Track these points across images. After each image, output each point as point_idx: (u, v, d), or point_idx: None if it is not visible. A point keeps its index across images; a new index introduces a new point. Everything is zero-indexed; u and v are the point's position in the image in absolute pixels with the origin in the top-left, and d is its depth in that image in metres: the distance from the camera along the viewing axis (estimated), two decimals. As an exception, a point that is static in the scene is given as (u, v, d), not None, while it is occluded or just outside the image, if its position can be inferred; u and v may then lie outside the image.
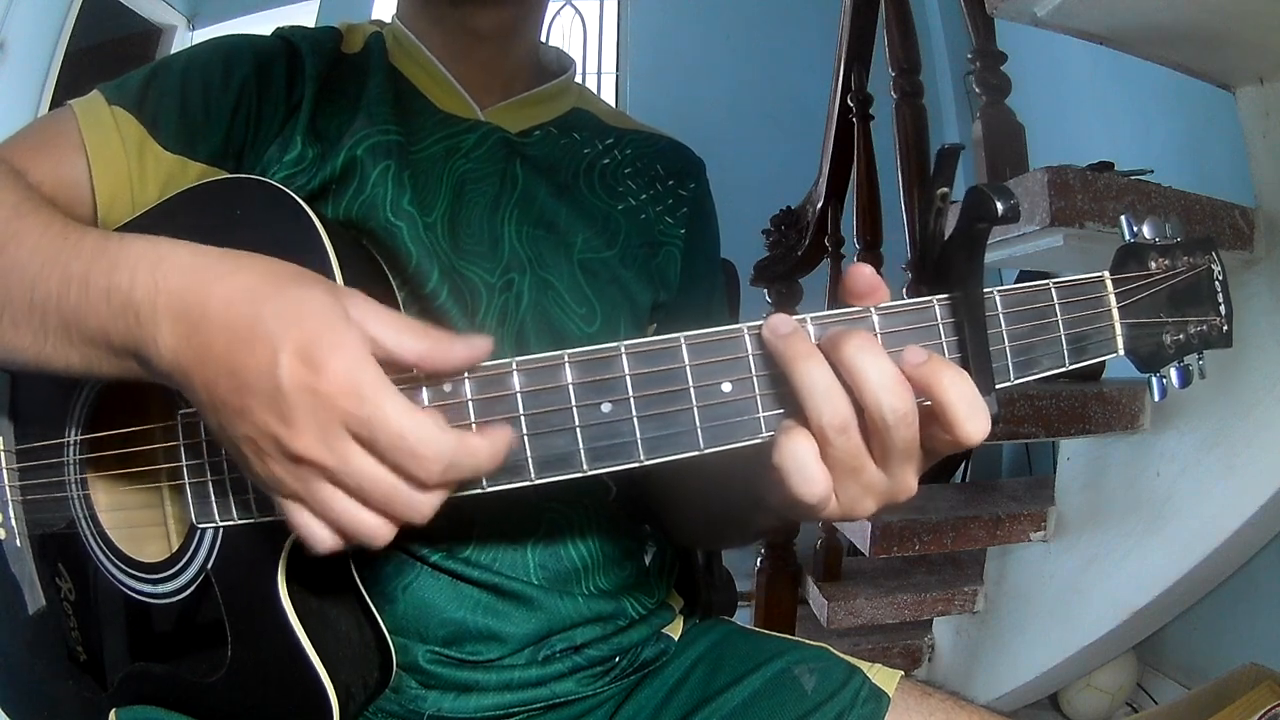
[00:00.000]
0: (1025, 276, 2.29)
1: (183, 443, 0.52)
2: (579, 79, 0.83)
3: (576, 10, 4.33)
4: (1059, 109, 2.50)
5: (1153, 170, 1.40)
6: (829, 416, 0.42)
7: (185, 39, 3.72)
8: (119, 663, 0.62)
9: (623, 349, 0.44)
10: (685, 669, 0.71)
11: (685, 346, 0.44)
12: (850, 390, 0.42)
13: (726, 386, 0.44)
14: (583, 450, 0.44)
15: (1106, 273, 0.49)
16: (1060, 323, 0.47)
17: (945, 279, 0.45)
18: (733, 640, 0.73)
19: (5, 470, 0.65)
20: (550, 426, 0.44)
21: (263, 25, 0.74)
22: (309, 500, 0.42)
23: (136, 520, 0.62)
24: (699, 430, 0.44)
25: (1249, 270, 1.35)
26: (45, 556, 0.65)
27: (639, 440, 0.44)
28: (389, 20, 0.77)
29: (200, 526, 0.52)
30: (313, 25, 0.73)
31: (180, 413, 0.52)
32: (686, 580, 0.83)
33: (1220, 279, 0.51)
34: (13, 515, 0.65)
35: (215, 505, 0.51)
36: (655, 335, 0.58)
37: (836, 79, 1.95)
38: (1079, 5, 1.19)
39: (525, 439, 0.44)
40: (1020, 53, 1.65)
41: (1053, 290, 0.47)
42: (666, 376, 0.44)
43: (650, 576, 0.74)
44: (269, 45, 0.69)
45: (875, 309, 0.45)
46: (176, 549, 0.58)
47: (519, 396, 0.44)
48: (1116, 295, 0.49)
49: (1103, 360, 0.49)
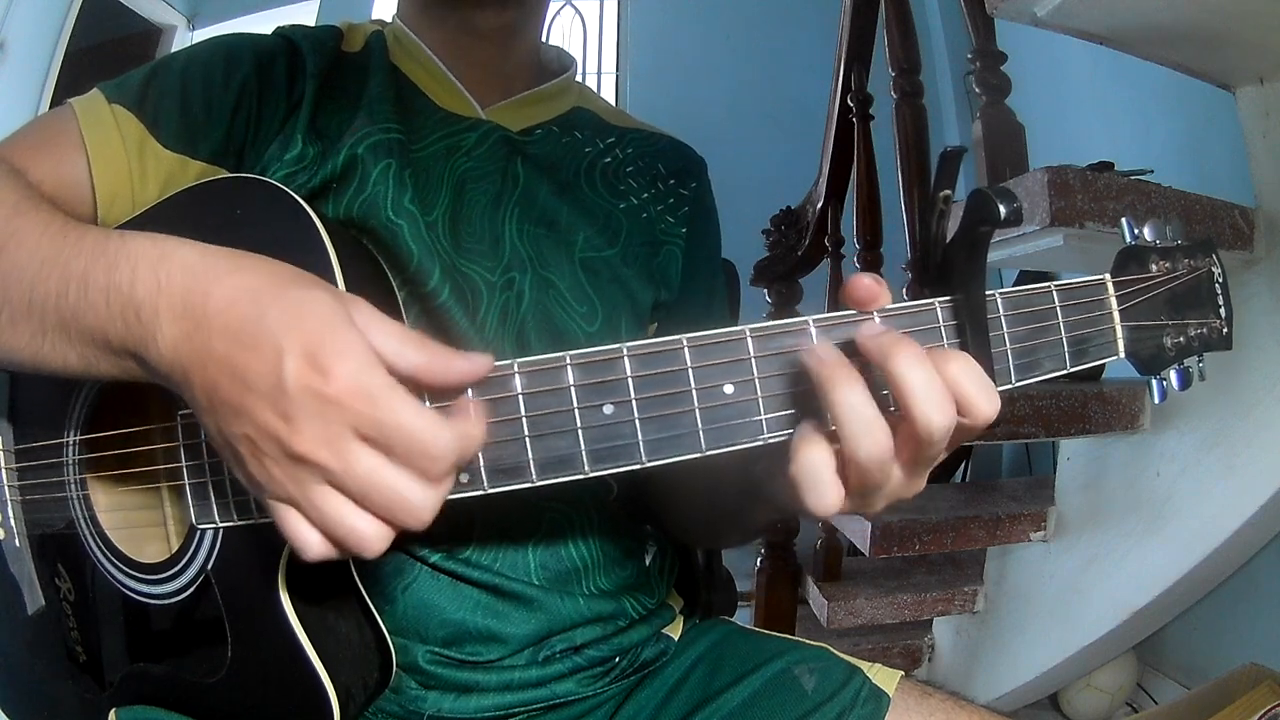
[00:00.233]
0: (1025, 276, 2.29)
1: (183, 443, 0.52)
2: (579, 79, 0.83)
3: (576, 10, 4.33)
4: (1059, 109, 2.50)
5: (1153, 170, 1.40)
6: (867, 450, 0.41)
7: (185, 39, 3.72)
8: (118, 663, 0.62)
9: (625, 351, 0.44)
10: (685, 669, 0.71)
11: (688, 348, 0.44)
12: (894, 401, 0.41)
13: (729, 388, 0.44)
14: (584, 452, 0.44)
15: (1108, 275, 0.49)
16: (1061, 325, 0.47)
17: (947, 281, 0.45)
18: (733, 640, 0.73)
19: (5, 470, 0.65)
20: (552, 428, 0.44)
21: (262, 25, 0.74)
22: (303, 504, 0.41)
23: (136, 521, 0.62)
24: (701, 432, 0.44)
25: (1249, 270, 1.35)
26: (44, 556, 0.65)
27: (641, 442, 0.44)
28: (389, 20, 0.77)
29: (200, 527, 0.52)
30: (313, 25, 0.73)
31: (180, 413, 0.51)
32: (686, 580, 0.83)
33: (1221, 281, 0.51)
34: (12, 515, 0.65)
35: (215, 506, 0.51)
36: (656, 334, 0.58)
37: (836, 79, 1.95)
38: (1079, 5, 1.19)
39: (527, 441, 0.44)
40: (1020, 53, 1.65)
41: (1054, 293, 0.47)
42: (669, 378, 0.44)
43: (651, 577, 0.74)
44: (269, 44, 0.68)
45: (878, 312, 0.45)
46: (176, 550, 0.58)
47: (521, 398, 0.44)
48: (1118, 298, 0.49)
49: (1103, 362, 0.49)
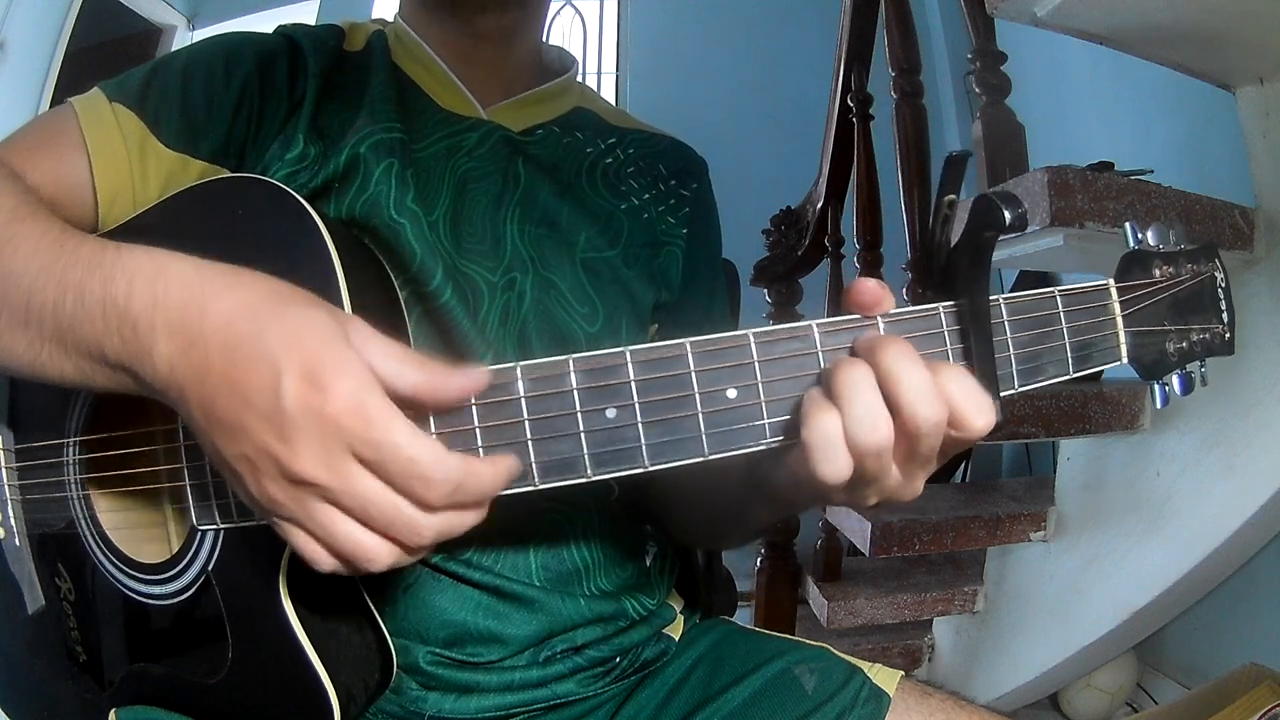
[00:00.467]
0: (1025, 276, 2.29)
1: (183, 444, 0.52)
2: (579, 79, 0.83)
3: (576, 10, 4.32)
4: (1059, 109, 2.50)
5: (1153, 170, 1.40)
6: (866, 435, 0.42)
7: (185, 39, 3.71)
8: (118, 663, 0.62)
9: (628, 354, 0.44)
10: (686, 669, 0.71)
11: (691, 352, 0.44)
12: (884, 394, 0.42)
13: (732, 393, 0.44)
14: (587, 456, 0.44)
15: (1111, 280, 0.49)
16: (1065, 331, 0.47)
17: (951, 286, 0.45)
18: (733, 640, 0.73)
19: (5, 470, 0.65)
20: (554, 432, 0.44)
21: (263, 25, 0.73)
22: (306, 523, 0.41)
23: (136, 521, 0.62)
24: (704, 436, 0.44)
25: (1249, 270, 1.35)
26: (45, 556, 0.65)
27: (643, 446, 0.44)
28: (391, 19, 0.76)
29: (201, 528, 0.52)
30: (314, 24, 0.73)
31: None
32: (687, 580, 0.83)
33: (1223, 286, 0.51)
34: (12, 515, 0.65)
35: (216, 507, 0.51)
36: (657, 335, 0.58)
37: (836, 79, 1.95)
38: (1079, 5, 1.18)
39: (529, 444, 0.44)
40: (1020, 53, 1.65)
41: (1058, 298, 0.47)
42: (671, 382, 0.44)
43: (651, 577, 0.74)
44: (271, 43, 0.68)
45: (881, 316, 0.45)
46: (177, 550, 0.57)
47: (523, 401, 0.44)
48: (1121, 303, 0.49)
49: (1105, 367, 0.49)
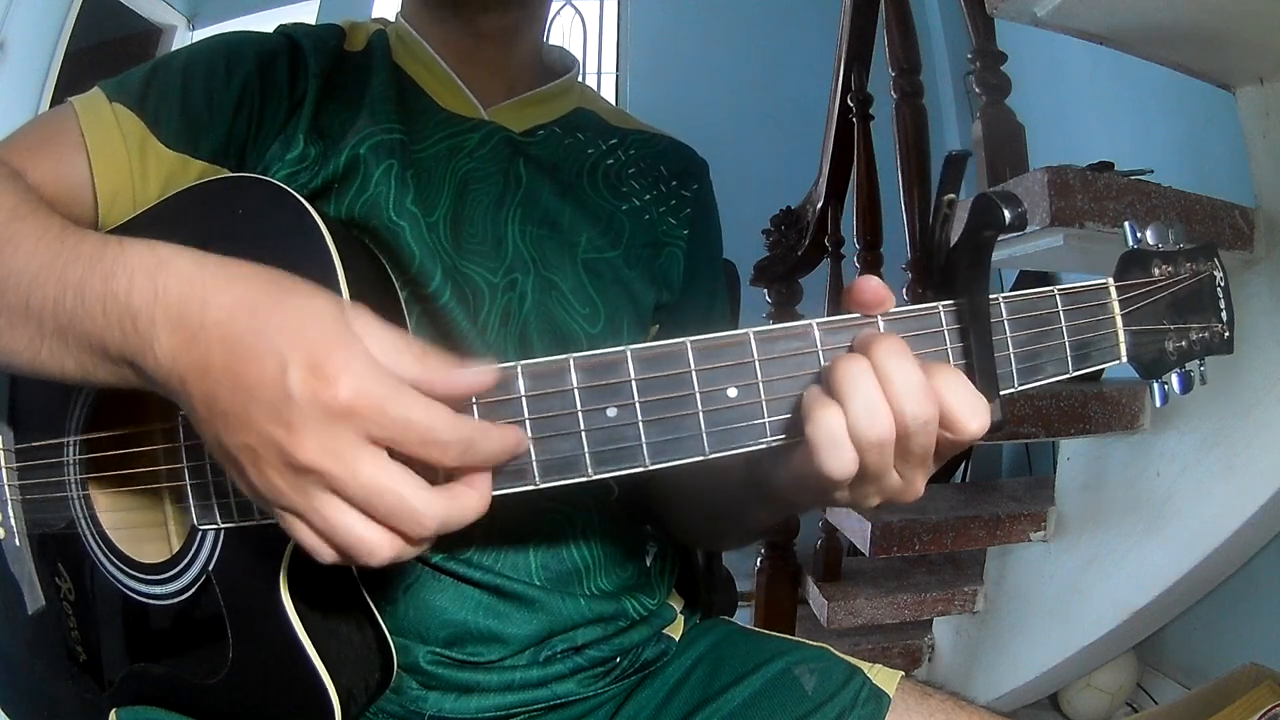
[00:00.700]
0: (1025, 276, 2.29)
1: (184, 443, 0.52)
2: (580, 79, 0.83)
3: (576, 10, 4.32)
4: (1059, 109, 2.50)
5: (1153, 170, 1.40)
6: (866, 427, 0.42)
7: (185, 39, 3.71)
8: (119, 663, 0.62)
9: (628, 353, 0.44)
10: (686, 669, 0.71)
11: (691, 351, 0.44)
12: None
13: (732, 391, 0.44)
14: (588, 455, 0.44)
15: (1110, 279, 0.49)
16: (1064, 330, 0.47)
17: (951, 285, 0.45)
18: (733, 640, 0.73)
19: (5, 470, 0.65)
20: (555, 431, 0.44)
21: (263, 25, 0.73)
22: (307, 513, 0.41)
23: (137, 521, 0.62)
24: (704, 435, 0.44)
25: (1249, 270, 1.35)
26: (45, 556, 0.65)
27: (644, 445, 0.44)
28: (392, 19, 0.76)
29: (201, 528, 0.52)
30: (314, 24, 0.73)
31: (181, 414, 0.51)
32: (687, 580, 0.83)
33: (1223, 285, 0.51)
34: (12, 515, 0.65)
35: (216, 507, 0.51)
36: (658, 336, 0.58)
37: (836, 79, 1.95)
38: (1079, 5, 1.18)
39: (530, 443, 0.44)
40: (1020, 53, 1.65)
41: (1057, 297, 0.47)
42: (672, 381, 0.44)
43: (651, 577, 0.74)
44: (271, 42, 0.68)
45: (881, 315, 0.45)
46: (177, 550, 0.58)
47: (524, 400, 0.44)
48: (1120, 302, 0.49)
49: (1104, 366, 0.49)
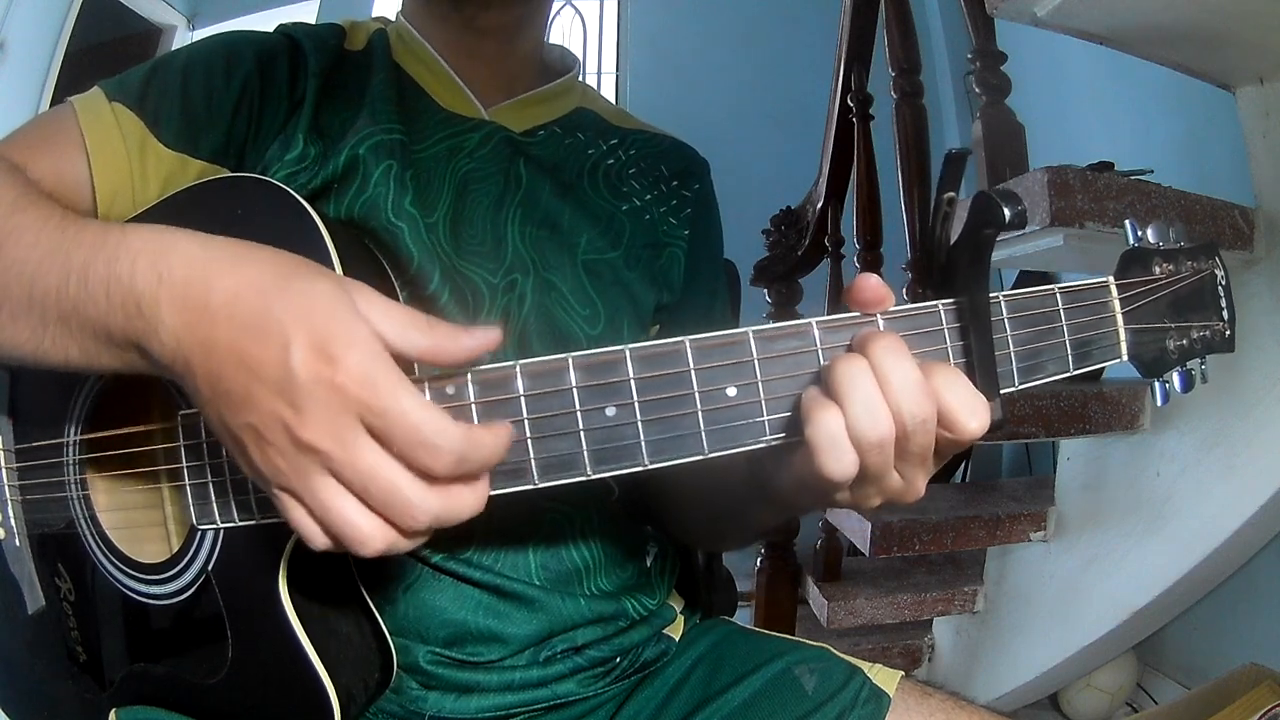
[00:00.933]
0: (1025, 276, 2.29)
1: (183, 443, 0.52)
2: (580, 79, 0.82)
3: (576, 10, 4.33)
4: (1059, 109, 2.50)
5: (1153, 170, 1.40)
6: (866, 426, 0.42)
7: (185, 39, 3.71)
8: (119, 663, 0.62)
9: (627, 352, 0.44)
10: (686, 669, 0.71)
11: (690, 350, 0.44)
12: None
13: (731, 390, 0.44)
14: (586, 454, 0.44)
15: (1111, 278, 0.49)
16: (1065, 328, 0.47)
17: (951, 284, 0.45)
18: (733, 640, 0.73)
19: (5, 470, 0.65)
20: (554, 430, 0.44)
21: (263, 25, 0.73)
22: (304, 494, 0.41)
23: (136, 521, 0.62)
24: (703, 434, 0.44)
25: (1249, 270, 1.35)
26: (45, 556, 0.65)
27: (643, 444, 0.44)
28: (393, 18, 0.76)
29: (201, 528, 0.52)
30: (314, 23, 0.73)
31: (181, 413, 0.51)
32: (687, 580, 0.83)
33: (1223, 284, 0.51)
34: (12, 515, 0.65)
35: (216, 506, 0.51)
36: (658, 336, 0.58)
37: (836, 79, 1.95)
38: (1079, 5, 1.18)
39: (529, 443, 0.44)
40: (1020, 53, 1.64)
41: (1058, 295, 0.47)
42: (671, 380, 0.44)
43: (651, 577, 0.74)
44: (271, 41, 0.68)
45: (881, 314, 0.45)
46: (177, 550, 0.58)
47: (523, 400, 0.44)
48: (1121, 300, 0.49)
49: (1105, 365, 0.49)
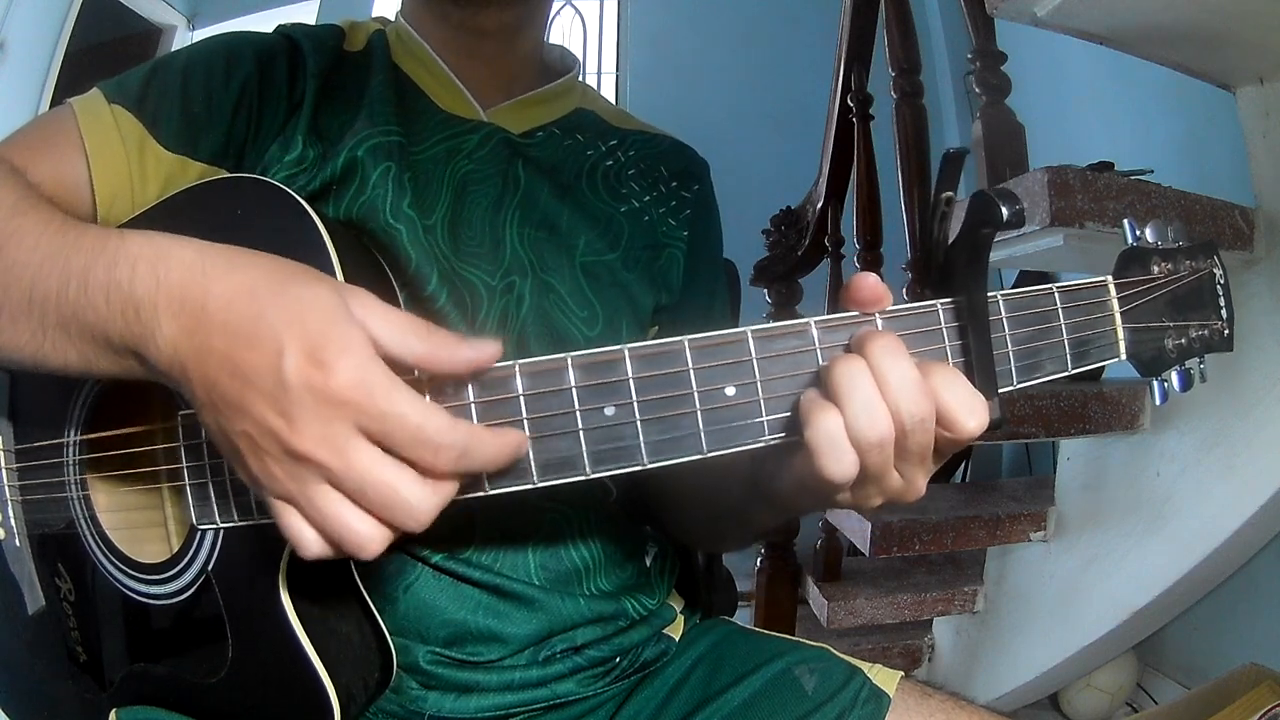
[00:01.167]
0: (1025, 276, 2.29)
1: (183, 443, 0.52)
2: (580, 79, 0.82)
3: (576, 10, 4.33)
4: (1059, 109, 2.50)
5: (1153, 170, 1.40)
6: (865, 426, 0.42)
7: (185, 39, 3.71)
8: (119, 663, 0.62)
9: (626, 352, 0.44)
10: (686, 669, 0.71)
11: (689, 350, 0.44)
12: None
13: (730, 390, 0.44)
14: (585, 453, 0.44)
15: (1109, 277, 0.49)
16: (1063, 327, 0.47)
17: (949, 283, 0.45)
18: (733, 640, 0.73)
19: (5, 470, 0.65)
20: (553, 430, 0.44)
21: (263, 25, 0.73)
22: (301, 502, 0.41)
23: (136, 521, 0.62)
24: (702, 434, 0.44)
25: (1249, 270, 1.35)
26: (45, 556, 0.65)
27: (642, 444, 0.44)
28: (392, 19, 0.76)
29: (200, 528, 0.52)
30: (314, 24, 0.73)
31: (180, 414, 0.51)
32: (687, 580, 0.83)
33: (1222, 283, 0.51)
34: (12, 515, 0.65)
35: (216, 506, 0.51)
36: (657, 338, 0.58)
37: (836, 79, 1.95)
38: (1079, 5, 1.18)
39: (528, 442, 0.44)
40: (1020, 53, 1.64)
41: (1056, 294, 0.47)
42: (670, 380, 0.44)
43: (651, 577, 0.74)
44: (270, 42, 0.68)
45: (880, 313, 0.45)
46: (177, 550, 0.58)
47: (522, 399, 0.44)
48: (1119, 300, 0.49)
49: (1104, 364, 0.49)
